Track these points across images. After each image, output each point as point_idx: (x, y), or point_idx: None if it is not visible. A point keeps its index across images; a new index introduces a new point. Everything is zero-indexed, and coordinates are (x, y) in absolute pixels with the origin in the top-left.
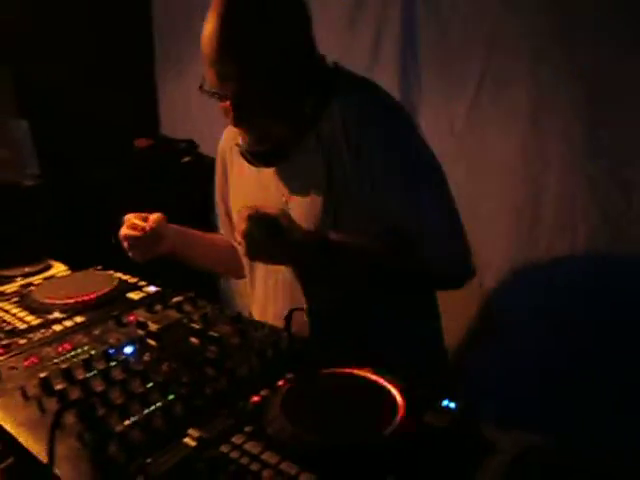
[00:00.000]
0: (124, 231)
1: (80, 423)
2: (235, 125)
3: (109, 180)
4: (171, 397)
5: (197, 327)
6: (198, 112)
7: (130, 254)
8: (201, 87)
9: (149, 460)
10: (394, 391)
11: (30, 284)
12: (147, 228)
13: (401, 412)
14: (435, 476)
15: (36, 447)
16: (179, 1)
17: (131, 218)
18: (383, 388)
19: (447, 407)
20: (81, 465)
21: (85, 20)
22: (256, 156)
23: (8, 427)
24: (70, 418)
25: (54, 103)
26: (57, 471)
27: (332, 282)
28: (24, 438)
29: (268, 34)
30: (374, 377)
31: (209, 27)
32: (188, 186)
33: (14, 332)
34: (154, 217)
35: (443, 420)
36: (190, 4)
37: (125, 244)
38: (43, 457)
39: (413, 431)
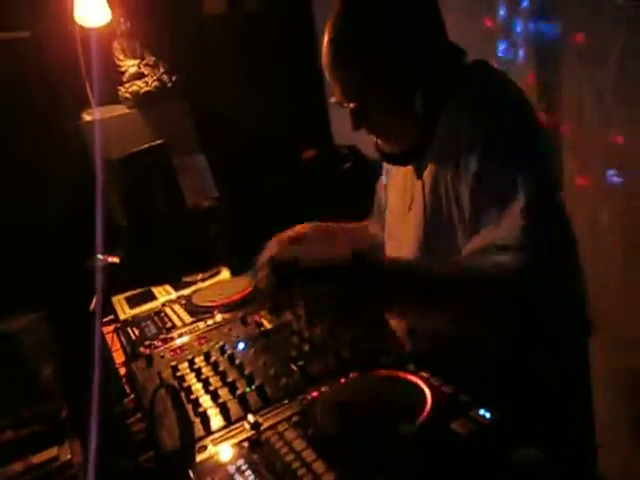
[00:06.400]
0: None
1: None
2: (354, 129)
3: (277, 192)
4: (252, 388)
5: (297, 328)
6: None
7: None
8: (332, 95)
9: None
10: (428, 394)
11: (199, 289)
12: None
13: (424, 415)
14: None
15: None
16: None
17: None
18: (419, 391)
19: (482, 416)
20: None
21: (253, 43)
22: (385, 156)
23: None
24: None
25: (227, 128)
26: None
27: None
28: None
29: (376, 47)
30: (416, 379)
31: (324, 40)
32: (349, 191)
33: (172, 329)
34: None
35: (467, 428)
36: None
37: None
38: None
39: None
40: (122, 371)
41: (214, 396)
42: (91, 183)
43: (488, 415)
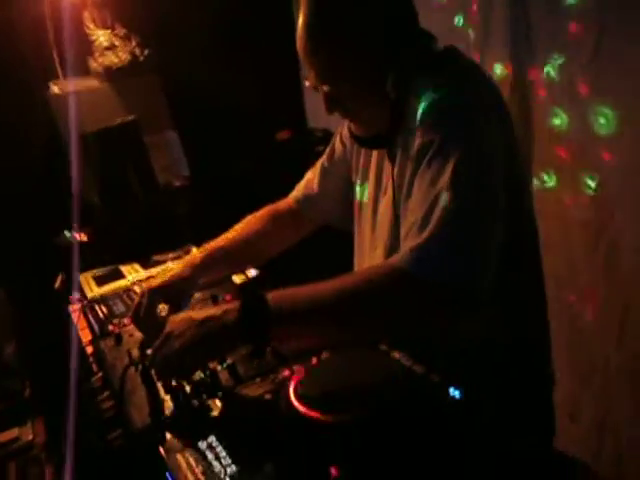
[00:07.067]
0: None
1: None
2: (328, 113)
3: (249, 173)
4: (223, 366)
5: None
6: None
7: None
8: (307, 79)
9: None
10: (400, 373)
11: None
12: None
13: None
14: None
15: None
16: None
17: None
18: (391, 370)
19: (452, 396)
20: None
21: (228, 19)
22: (358, 139)
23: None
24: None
25: (200, 105)
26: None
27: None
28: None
29: (348, 31)
30: (387, 359)
31: (298, 24)
32: None
33: None
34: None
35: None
36: None
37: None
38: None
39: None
40: (88, 350)
41: None
42: (59, 157)
43: (457, 394)
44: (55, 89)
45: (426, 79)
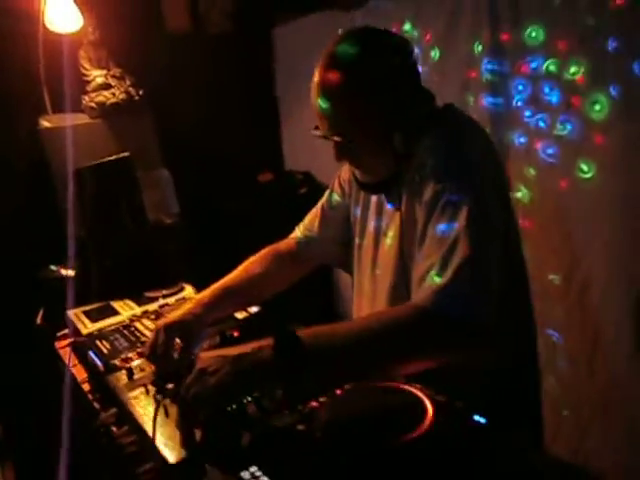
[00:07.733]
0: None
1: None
2: (337, 161)
3: (235, 212)
4: (248, 399)
5: None
6: (320, 146)
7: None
8: (316, 128)
9: None
10: (428, 403)
11: (166, 304)
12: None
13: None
14: None
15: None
16: (299, 43)
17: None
18: (419, 402)
19: (477, 422)
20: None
21: (212, 67)
22: (362, 185)
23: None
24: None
25: (190, 145)
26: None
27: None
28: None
29: (362, 90)
30: (413, 390)
31: (316, 75)
32: (303, 215)
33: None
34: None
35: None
36: (310, 46)
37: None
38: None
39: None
40: (85, 387)
41: None
42: (47, 191)
43: (483, 420)
44: (45, 123)
45: (432, 135)
